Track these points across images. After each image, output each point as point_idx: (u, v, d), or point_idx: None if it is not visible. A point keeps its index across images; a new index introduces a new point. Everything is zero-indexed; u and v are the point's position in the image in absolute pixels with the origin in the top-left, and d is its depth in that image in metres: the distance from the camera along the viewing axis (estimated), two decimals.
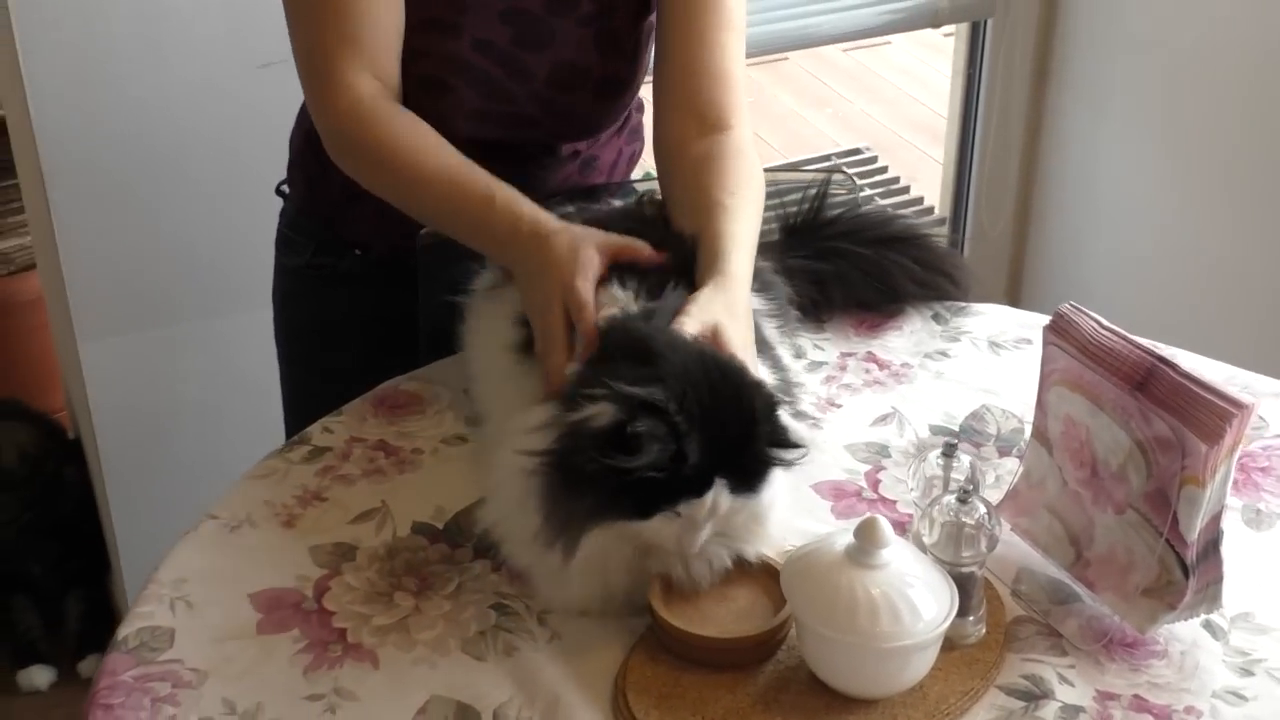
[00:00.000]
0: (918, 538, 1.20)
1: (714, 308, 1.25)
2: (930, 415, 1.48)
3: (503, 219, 1.35)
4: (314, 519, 1.33)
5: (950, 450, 1.24)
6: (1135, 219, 2.74)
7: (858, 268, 1.62)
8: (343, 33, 1.42)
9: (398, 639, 1.21)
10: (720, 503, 1.15)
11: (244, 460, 1.43)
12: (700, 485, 1.14)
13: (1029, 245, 2.97)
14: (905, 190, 3.19)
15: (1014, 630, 1.22)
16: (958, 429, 1.46)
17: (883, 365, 1.56)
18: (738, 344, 1.23)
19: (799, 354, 1.54)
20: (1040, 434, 1.29)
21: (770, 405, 1.17)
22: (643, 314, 1.26)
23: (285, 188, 1.72)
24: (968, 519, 1.18)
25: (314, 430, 1.45)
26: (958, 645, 1.18)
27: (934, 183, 3.18)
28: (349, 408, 1.48)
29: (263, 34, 1.51)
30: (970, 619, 1.19)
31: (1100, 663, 1.19)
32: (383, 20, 1.44)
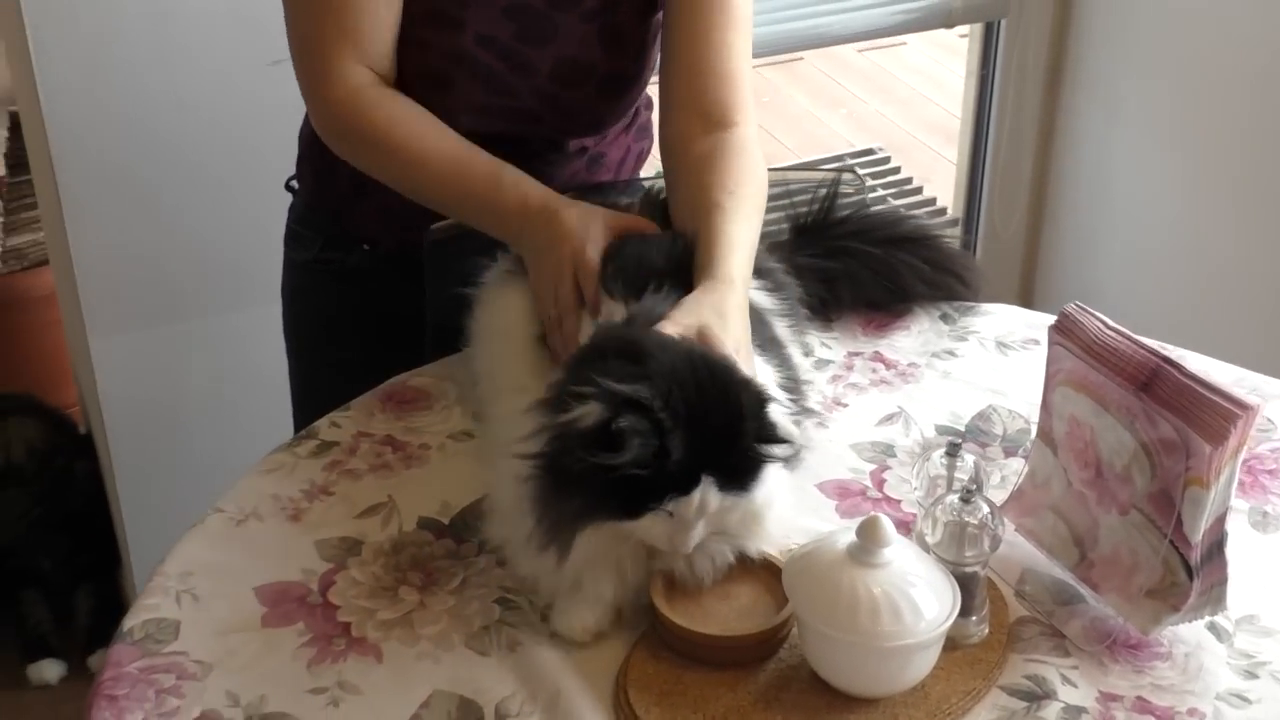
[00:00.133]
0: (921, 537, 1.20)
1: (700, 310, 1.26)
2: (936, 415, 1.48)
3: (511, 197, 1.38)
4: (320, 513, 1.34)
5: (954, 450, 1.24)
6: (1148, 220, 2.73)
7: (867, 267, 1.62)
8: (339, 25, 1.44)
9: (402, 633, 1.21)
10: (709, 500, 1.15)
11: (254, 455, 1.43)
12: (687, 483, 1.14)
13: (1041, 246, 2.97)
14: (918, 190, 3.18)
15: (1017, 631, 1.22)
16: (964, 429, 1.46)
17: (889, 365, 1.56)
18: (726, 345, 1.23)
19: (807, 352, 1.54)
20: (1045, 434, 1.29)
21: (759, 402, 1.17)
22: (624, 321, 1.27)
23: (294, 183, 1.73)
24: (971, 518, 1.18)
25: (321, 425, 1.45)
26: (960, 645, 1.18)
27: (948, 183, 3.17)
28: (357, 403, 1.48)
29: (273, 31, 1.51)
30: (973, 619, 1.19)
31: (1103, 664, 1.19)
32: (379, 13, 1.45)
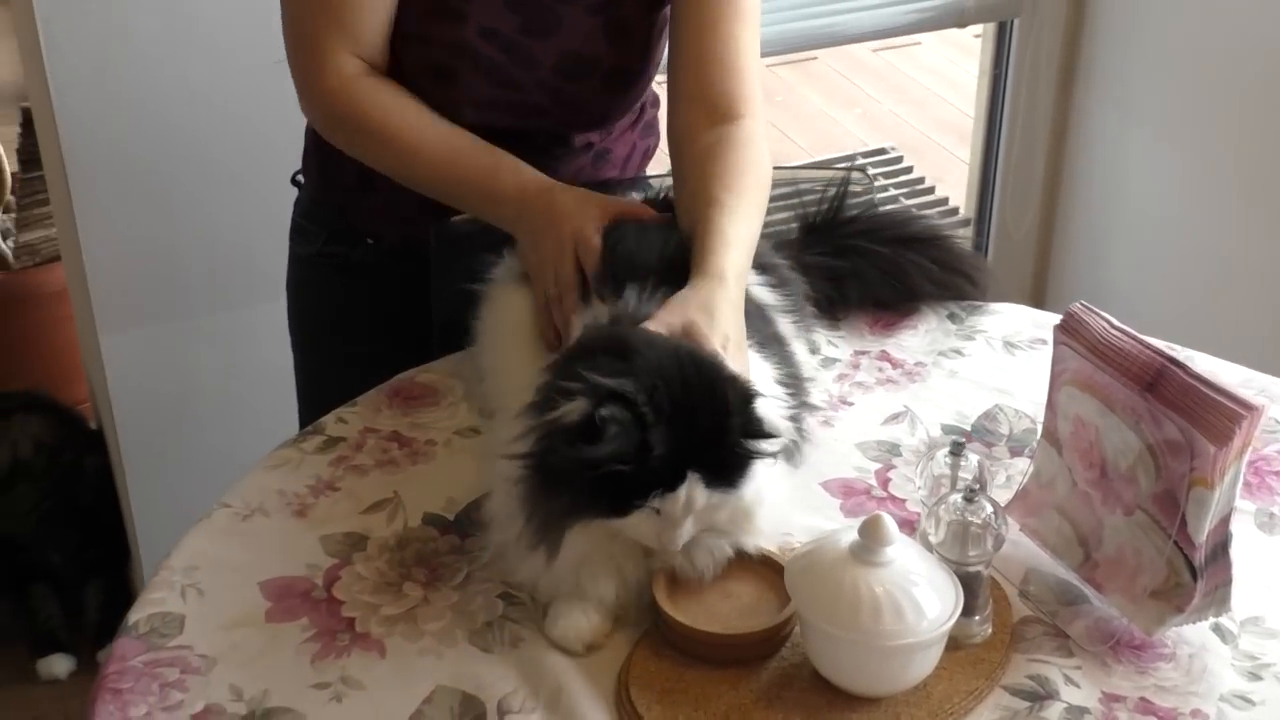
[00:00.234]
0: (924, 536, 1.20)
1: (686, 308, 1.25)
2: (942, 414, 1.48)
3: (509, 182, 1.40)
4: (326, 508, 1.34)
5: (958, 449, 1.24)
6: (1160, 221, 2.72)
7: (875, 266, 1.62)
8: (334, 17, 1.44)
9: (405, 629, 1.21)
10: (696, 497, 1.14)
11: (263, 450, 1.44)
12: (672, 479, 1.13)
13: (1053, 247, 2.96)
14: (930, 190, 3.18)
15: (1020, 630, 1.22)
16: (970, 428, 1.46)
17: (896, 364, 1.55)
18: (713, 341, 1.23)
19: (814, 350, 1.54)
20: (1050, 434, 1.28)
21: (745, 397, 1.17)
22: (609, 321, 1.27)
23: (300, 178, 1.73)
24: (974, 518, 1.18)
25: (328, 420, 1.46)
26: (963, 645, 1.18)
27: (961, 183, 3.17)
28: (363, 399, 1.49)
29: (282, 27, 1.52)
30: (976, 618, 1.19)
31: (1107, 664, 1.19)
32: (374, 4, 1.45)
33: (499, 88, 1.50)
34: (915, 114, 4.60)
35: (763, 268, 1.46)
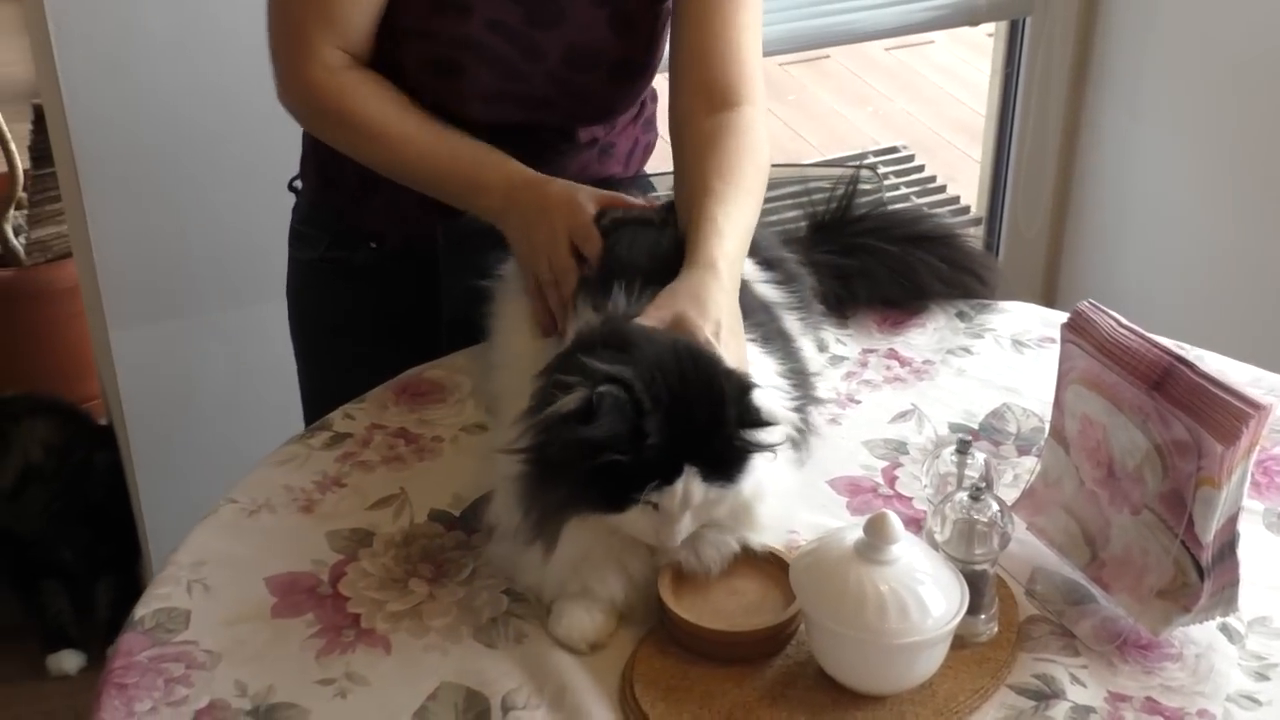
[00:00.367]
0: (930, 535, 1.20)
1: (676, 300, 1.26)
2: (950, 413, 1.47)
3: (496, 174, 1.41)
4: (332, 504, 1.34)
5: (964, 447, 1.24)
6: (1172, 221, 2.71)
7: (884, 265, 1.62)
8: (320, 8, 1.44)
9: (410, 625, 1.21)
10: (693, 491, 1.14)
11: (273, 446, 1.44)
12: (669, 471, 1.13)
13: (1064, 245, 2.95)
14: (942, 189, 3.17)
15: (1027, 629, 1.22)
16: (978, 427, 1.45)
17: (904, 362, 1.55)
18: (704, 330, 1.23)
19: (822, 347, 1.54)
20: (1057, 433, 1.28)
21: (741, 389, 1.16)
22: (601, 322, 1.27)
23: (298, 183, 1.72)
24: (980, 516, 1.18)
25: (335, 417, 1.46)
26: (969, 643, 1.18)
27: (972, 182, 3.16)
28: (371, 395, 1.49)
29: None
30: (982, 617, 1.19)
31: (1113, 664, 1.19)
32: (359, 2, 1.45)
33: (506, 81, 1.50)
34: (927, 112, 4.59)
35: (768, 263, 1.45)
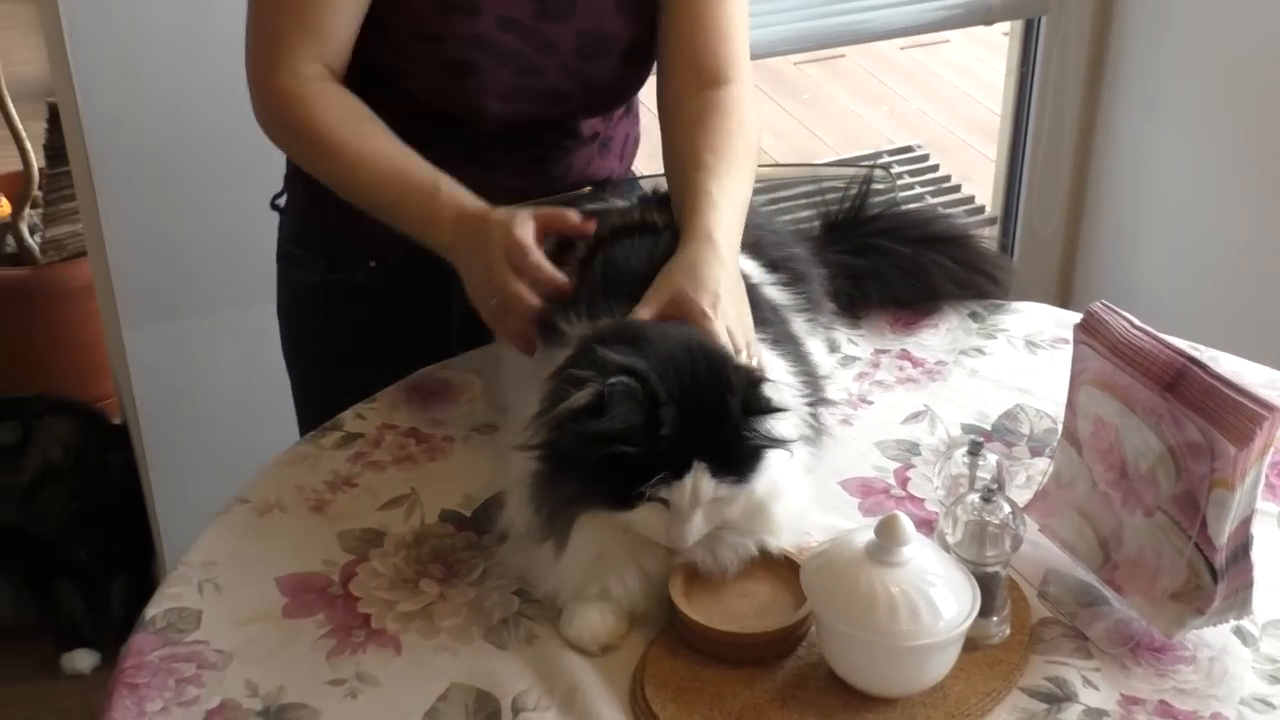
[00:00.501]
0: (942, 536, 1.19)
1: (673, 277, 1.27)
2: (963, 414, 1.47)
3: (447, 205, 1.37)
4: (343, 504, 1.34)
5: (976, 449, 1.23)
6: (1187, 220, 2.70)
7: (896, 265, 1.62)
8: (301, 19, 1.42)
9: (421, 626, 1.21)
10: (703, 487, 1.14)
11: (284, 446, 1.44)
12: (678, 465, 1.13)
13: (1080, 245, 2.94)
14: (957, 189, 3.16)
15: (1039, 632, 1.21)
16: (990, 428, 1.45)
17: (916, 363, 1.55)
18: (703, 302, 1.24)
19: (833, 348, 1.53)
20: (1070, 434, 1.27)
21: (751, 380, 1.16)
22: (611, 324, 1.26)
23: (280, 202, 1.70)
24: (992, 518, 1.17)
25: (346, 416, 1.46)
26: (980, 645, 1.17)
27: (988, 182, 3.15)
28: (382, 395, 1.49)
29: None
30: (993, 619, 1.18)
31: (1126, 666, 1.18)
32: (340, 18, 1.43)
33: (521, 76, 1.49)
34: (942, 112, 4.58)
35: (774, 265, 1.45)
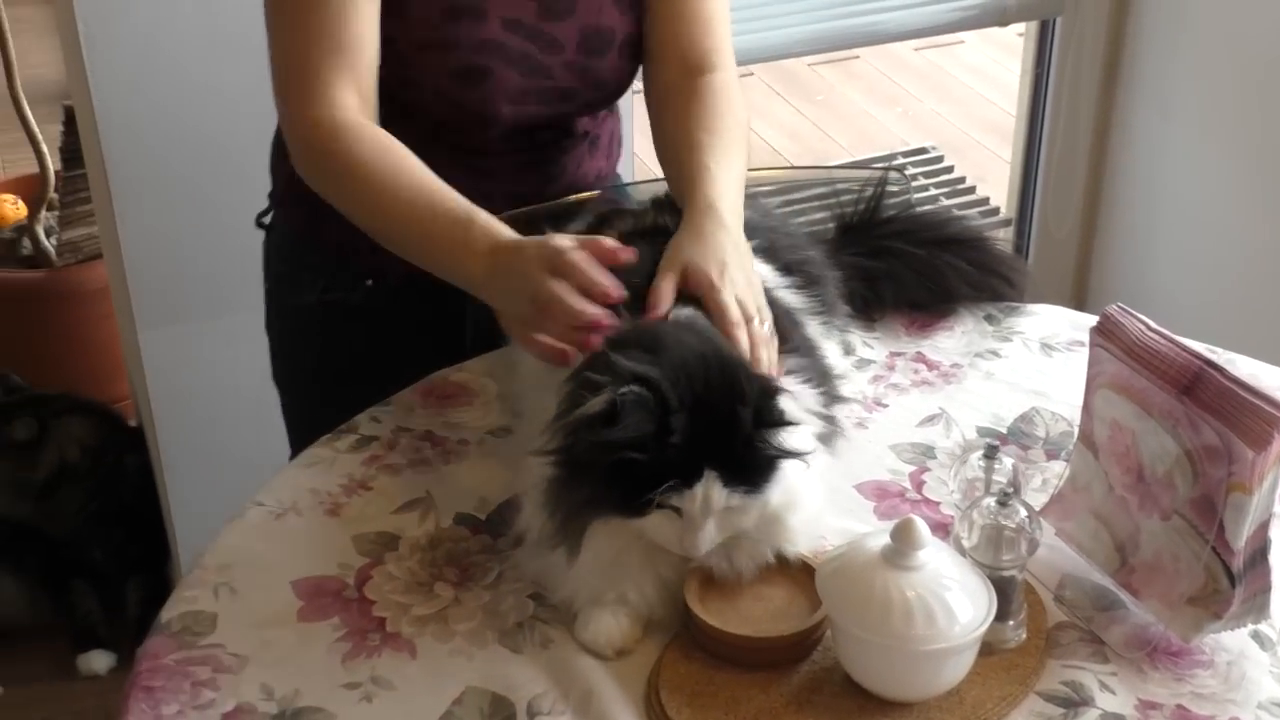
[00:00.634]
0: (957, 540, 1.19)
1: (679, 252, 1.29)
2: (978, 417, 1.46)
3: (480, 236, 1.31)
4: (359, 508, 1.34)
5: (992, 452, 1.23)
6: (1203, 221, 2.70)
7: (911, 268, 1.61)
8: (330, 39, 1.39)
9: (436, 629, 1.21)
10: (714, 496, 1.13)
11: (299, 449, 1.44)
12: (689, 474, 1.12)
13: (1095, 247, 2.93)
14: (971, 190, 3.16)
15: (1055, 636, 1.21)
16: (1006, 431, 1.44)
17: (931, 366, 1.54)
18: (711, 271, 1.26)
19: (848, 351, 1.53)
20: (1086, 438, 1.27)
21: (764, 393, 1.15)
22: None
23: (265, 220, 1.69)
24: (1008, 522, 1.17)
25: (361, 419, 1.46)
26: (996, 650, 1.17)
27: (1002, 183, 3.15)
28: (396, 398, 1.49)
29: None
30: (1010, 623, 1.18)
31: (1143, 671, 1.18)
32: (367, 34, 1.41)
33: (530, 77, 1.50)
34: (957, 113, 4.57)
35: (787, 268, 1.44)
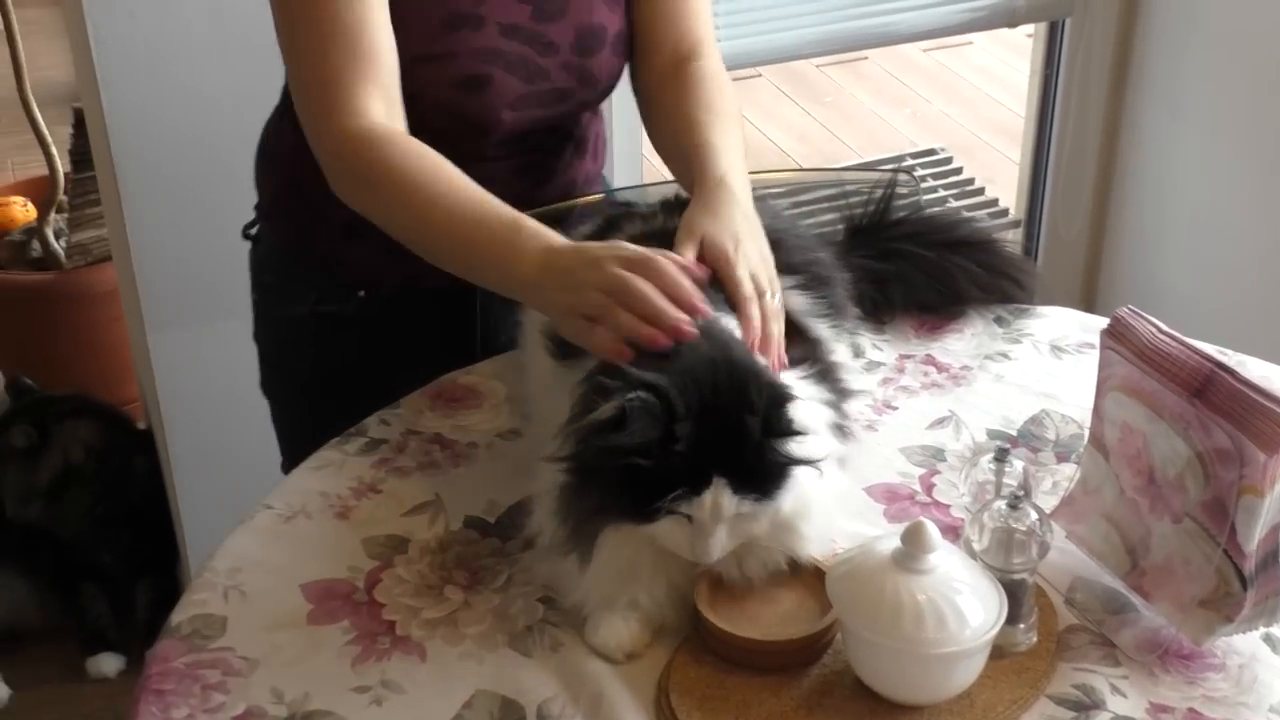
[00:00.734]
0: (968, 543, 1.19)
1: (695, 225, 1.29)
2: (988, 419, 1.46)
3: (530, 238, 1.28)
4: (368, 511, 1.34)
5: (1002, 455, 1.23)
6: (1213, 222, 2.69)
7: (920, 270, 1.61)
8: (352, 52, 1.37)
9: (446, 633, 1.21)
10: (723, 503, 1.12)
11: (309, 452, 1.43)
12: (697, 481, 1.12)
13: (1105, 248, 2.93)
14: (980, 191, 3.15)
15: (1066, 639, 1.20)
16: (1016, 433, 1.44)
17: (941, 368, 1.54)
18: (726, 244, 1.26)
19: (858, 353, 1.53)
20: (1097, 440, 1.27)
21: (774, 401, 1.14)
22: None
23: (253, 230, 1.69)
24: (1018, 525, 1.17)
25: (371, 422, 1.46)
26: (1007, 653, 1.17)
27: (1011, 185, 3.14)
28: (406, 401, 1.49)
29: None
30: (1020, 626, 1.18)
31: (1154, 674, 1.18)
32: (384, 42, 1.40)
33: (529, 81, 1.50)
34: (965, 114, 4.57)
35: (794, 269, 1.44)
